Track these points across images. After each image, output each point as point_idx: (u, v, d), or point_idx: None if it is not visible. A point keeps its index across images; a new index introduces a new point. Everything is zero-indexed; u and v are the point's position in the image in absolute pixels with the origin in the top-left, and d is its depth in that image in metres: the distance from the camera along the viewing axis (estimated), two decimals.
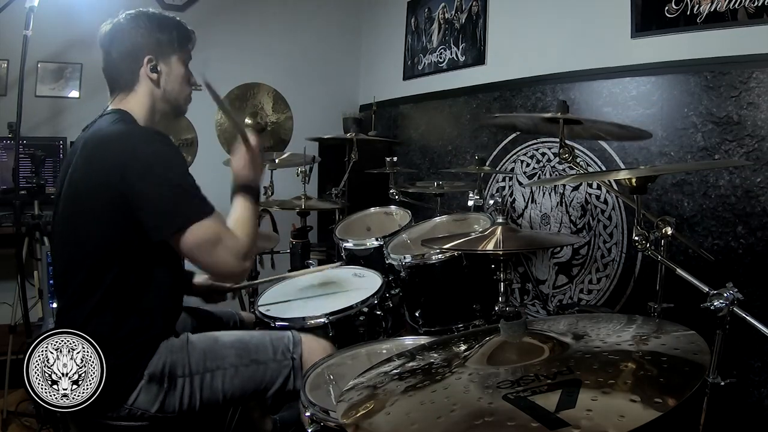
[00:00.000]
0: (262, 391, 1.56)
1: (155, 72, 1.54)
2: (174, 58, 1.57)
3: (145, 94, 1.55)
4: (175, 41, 1.57)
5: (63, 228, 1.47)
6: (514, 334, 1.03)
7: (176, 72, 1.58)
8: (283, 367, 1.56)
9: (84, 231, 1.40)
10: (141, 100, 1.54)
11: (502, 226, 1.53)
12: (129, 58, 1.53)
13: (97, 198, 1.37)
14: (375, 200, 2.81)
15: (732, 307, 1.13)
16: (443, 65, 3.63)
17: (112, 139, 1.40)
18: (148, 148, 1.38)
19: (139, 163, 1.35)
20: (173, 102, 1.60)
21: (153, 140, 1.40)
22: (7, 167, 3.04)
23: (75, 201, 1.44)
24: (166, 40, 1.55)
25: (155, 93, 1.56)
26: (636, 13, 2.39)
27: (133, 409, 1.38)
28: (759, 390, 2.02)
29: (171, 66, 1.57)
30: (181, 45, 1.59)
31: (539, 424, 0.73)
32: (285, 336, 1.63)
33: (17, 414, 2.62)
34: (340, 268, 2.21)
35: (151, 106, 1.56)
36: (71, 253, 1.45)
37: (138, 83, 1.54)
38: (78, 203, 1.43)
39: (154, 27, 1.54)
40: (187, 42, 1.62)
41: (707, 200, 2.16)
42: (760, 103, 2.00)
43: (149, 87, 1.55)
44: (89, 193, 1.39)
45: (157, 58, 1.54)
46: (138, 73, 1.53)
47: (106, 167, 1.36)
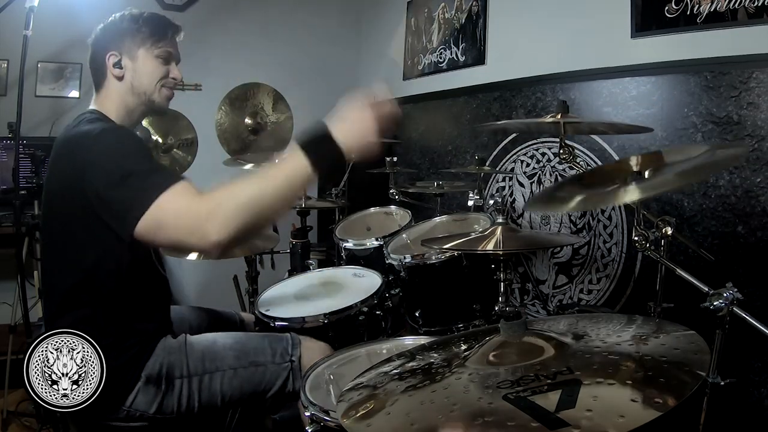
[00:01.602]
0: (261, 393, 1.56)
1: (118, 68, 1.50)
2: (141, 52, 1.52)
3: (114, 91, 1.52)
4: (143, 35, 1.52)
5: (44, 234, 1.46)
6: (514, 334, 1.03)
7: (144, 67, 1.52)
8: (282, 369, 1.56)
9: (62, 236, 1.40)
10: (111, 98, 1.52)
11: (502, 226, 1.53)
12: (97, 54, 1.52)
13: (68, 202, 1.35)
14: (375, 200, 2.81)
15: (732, 307, 1.13)
16: (443, 65, 3.63)
17: (71, 141, 1.37)
18: (99, 146, 1.31)
19: (94, 164, 1.29)
20: (144, 98, 1.54)
21: (105, 137, 1.33)
22: (7, 167, 3.04)
23: (50, 206, 1.44)
24: (131, 34, 1.51)
25: (122, 89, 1.52)
26: (636, 13, 2.38)
27: (131, 410, 1.38)
28: (759, 390, 2.02)
29: (137, 61, 1.52)
30: (151, 39, 1.53)
31: (539, 424, 0.73)
32: (284, 338, 1.63)
33: (17, 414, 2.62)
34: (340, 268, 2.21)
35: (122, 104, 1.53)
36: (54, 260, 1.45)
37: (106, 79, 1.52)
38: (53, 208, 1.43)
39: (124, 23, 1.52)
40: (159, 36, 1.54)
41: (707, 200, 2.16)
42: (760, 103, 2.00)
43: (116, 84, 1.52)
44: (61, 197, 1.38)
45: (121, 53, 1.50)
46: (104, 70, 1.51)
47: (68, 170, 1.34)
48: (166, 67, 1.57)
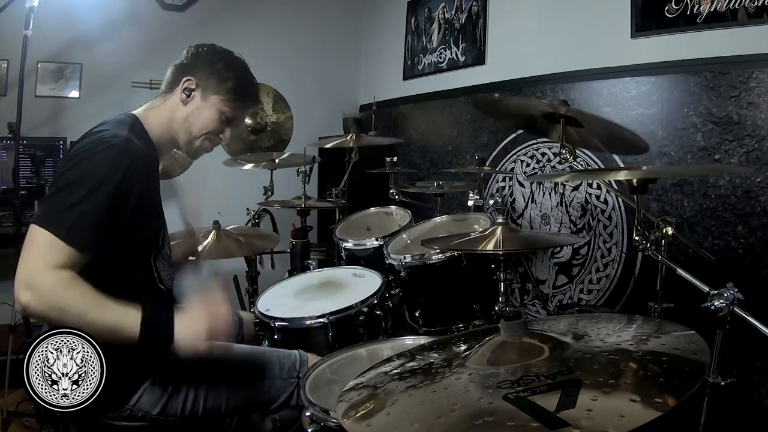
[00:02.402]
0: (264, 404, 1.59)
1: (187, 95, 1.52)
2: (214, 98, 1.53)
3: (170, 109, 1.53)
4: (227, 87, 1.53)
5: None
6: (514, 334, 1.03)
7: (207, 112, 1.53)
8: (288, 385, 1.58)
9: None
10: (163, 113, 1.53)
11: (502, 226, 1.53)
12: (179, 69, 1.53)
13: None
14: (375, 200, 2.81)
15: (732, 307, 1.13)
16: (443, 65, 3.63)
17: (83, 143, 1.34)
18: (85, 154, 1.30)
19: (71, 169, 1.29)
20: (187, 137, 1.55)
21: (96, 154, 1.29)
22: (7, 167, 3.04)
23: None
24: (218, 78, 1.53)
25: (176, 113, 1.53)
26: (636, 13, 2.39)
27: (134, 410, 1.39)
28: (759, 390, 2.02)
29: (206, 102, 1.53)
30: (230, 94, 1.54)
31: (539, 424, 0.73)
32: (292, 354, 1.65)
33: (17, 414, 2.62)
34: (339, 268, 2.21)
35: (168, 125, 1.53)
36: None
37: (171, 95, 1.53)
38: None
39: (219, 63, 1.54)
40: (238, 98, 1.56)
41: (707, 200, 2.16)
42: (760, 103, 2.00)
43: (176, 104, 1.53)
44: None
45: (199, 85, 1.52)
46: (176, 87, 1.52)
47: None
48: (222, 126, 1.57)
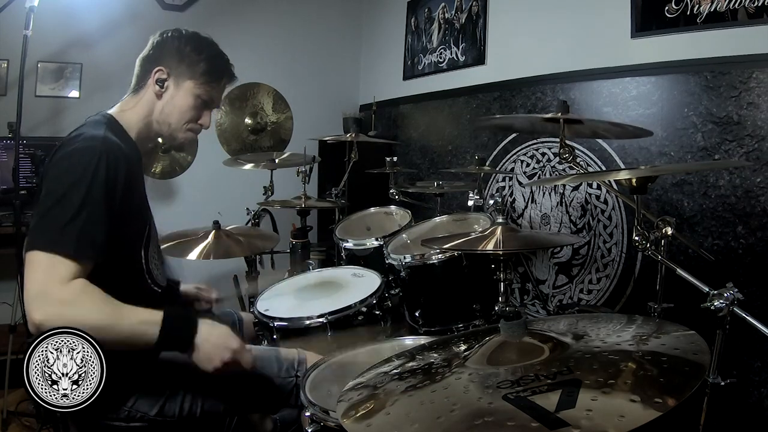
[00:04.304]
0: (264, 404, 1.58)
1: (160, 86, 1.49)
2: (188, 84, 1.50)
3: (146, 104, 1.50)
4: (199, 69, 1.49)
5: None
6: (514, 334, 1.03)
7: (183, 100, 1.50)
8: (287, 384, 1.58)
9: None
10: (138, 110, 1.51)
11: (502, 226, 1.53)
12: (147, 61, 1.50)
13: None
14: (375, 200, 2.81)
15: (732, 307, 1.13)
16: (443, 65, 3.63)
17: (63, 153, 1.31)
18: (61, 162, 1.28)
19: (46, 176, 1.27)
20: (167, 129, 1.53)
21: (70, 157, 1.28)
22: (7, 167, 3.04)
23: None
24: (189, 61, 1.49)
25: (153, 107, 1.50)
26: (636, 13, 2.39)
27: (132, 411, 1.38)
28: (759, 390, 2.02)
29: (180, 90, 1.50)
30: (204, 77, 1.50)
31: (539, 424, 0.73)
32: (291, 353, 1.65)
33: (17, 414, 2.63)
34: (339, 268, 2.21)
35: (146, 119, 1.51)
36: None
37: (144, 89, 1.50)
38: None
39: (187, 47, 1.49)
40: (213, 77, 1.52)
41: (707, 200, 2.16)
42: (760, 103, 2.00)
43: (151, 98, 1.50)
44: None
45: (170, 74, 1.48)
46: (147, 80, 1.49)
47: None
48: (200, 110, 1.54)
